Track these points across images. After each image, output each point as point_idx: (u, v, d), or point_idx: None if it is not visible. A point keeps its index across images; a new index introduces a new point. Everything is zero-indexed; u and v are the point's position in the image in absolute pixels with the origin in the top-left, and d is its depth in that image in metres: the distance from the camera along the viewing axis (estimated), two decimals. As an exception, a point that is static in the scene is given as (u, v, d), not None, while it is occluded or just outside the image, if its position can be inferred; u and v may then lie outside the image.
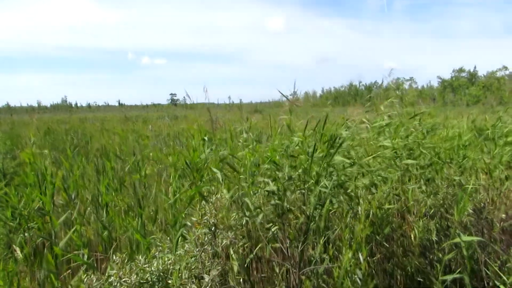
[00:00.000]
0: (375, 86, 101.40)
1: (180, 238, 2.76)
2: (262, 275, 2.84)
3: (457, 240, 2.49)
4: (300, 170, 2.79)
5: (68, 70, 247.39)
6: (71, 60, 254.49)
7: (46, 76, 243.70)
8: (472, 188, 3.23)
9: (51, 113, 50.31)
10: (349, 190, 2.79)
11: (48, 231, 3.46)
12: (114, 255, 2.64)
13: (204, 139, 3.51)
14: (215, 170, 2.84)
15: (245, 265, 2.75)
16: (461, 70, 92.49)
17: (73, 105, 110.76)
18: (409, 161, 3.02)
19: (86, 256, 3.19)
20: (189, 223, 2.58)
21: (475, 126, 4.44)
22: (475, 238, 2.62)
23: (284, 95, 3.34)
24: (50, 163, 5.42)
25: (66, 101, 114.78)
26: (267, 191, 2.76)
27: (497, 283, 2.50)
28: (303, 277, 2.47)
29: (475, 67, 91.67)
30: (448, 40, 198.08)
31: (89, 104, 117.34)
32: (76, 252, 3.31)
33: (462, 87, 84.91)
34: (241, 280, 2.60)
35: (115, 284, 2.46)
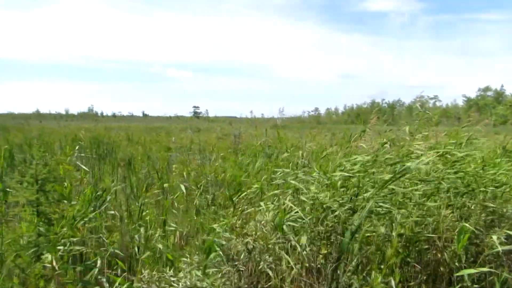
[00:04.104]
0: (398, 104, 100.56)
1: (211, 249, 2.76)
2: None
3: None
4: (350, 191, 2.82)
5: (95, 79, 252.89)
6: (98, 70, 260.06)
7: (74, 85, 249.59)
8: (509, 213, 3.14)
9: (78, 121, 51.97)
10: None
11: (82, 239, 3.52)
12: (142, 269, 2.69)
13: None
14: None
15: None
16: (487, 89, 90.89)
17: (98, 114, 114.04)
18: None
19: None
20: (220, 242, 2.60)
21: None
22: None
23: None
24: (81, 171, 5.53)
25: (92, 110, 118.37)
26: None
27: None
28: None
29: (502, 86, 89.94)
30: (474, 58, 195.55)
31: (114, 113, 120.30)
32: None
33: (489, 106, 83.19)
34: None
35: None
